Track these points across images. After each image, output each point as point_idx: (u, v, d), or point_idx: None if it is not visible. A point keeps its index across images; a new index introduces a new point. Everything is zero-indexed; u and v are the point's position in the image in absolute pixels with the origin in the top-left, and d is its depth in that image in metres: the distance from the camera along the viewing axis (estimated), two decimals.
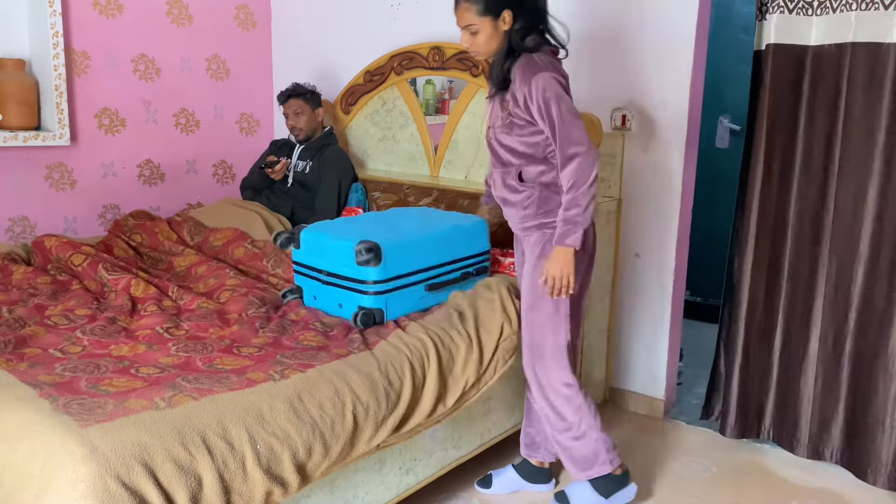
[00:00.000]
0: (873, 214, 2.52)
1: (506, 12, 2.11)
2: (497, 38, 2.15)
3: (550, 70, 2.10)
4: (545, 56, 2.14)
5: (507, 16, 2.11)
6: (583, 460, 2.32)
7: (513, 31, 2.13)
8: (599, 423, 2.32)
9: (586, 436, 2.29)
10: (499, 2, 2.10)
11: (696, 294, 4.22)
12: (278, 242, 2.46)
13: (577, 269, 2.18)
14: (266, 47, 4.16)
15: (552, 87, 2.08)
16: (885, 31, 2.44)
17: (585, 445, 2.30)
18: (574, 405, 2.28)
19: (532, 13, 2.14)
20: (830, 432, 2.68)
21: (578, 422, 2.28)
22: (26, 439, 1.54)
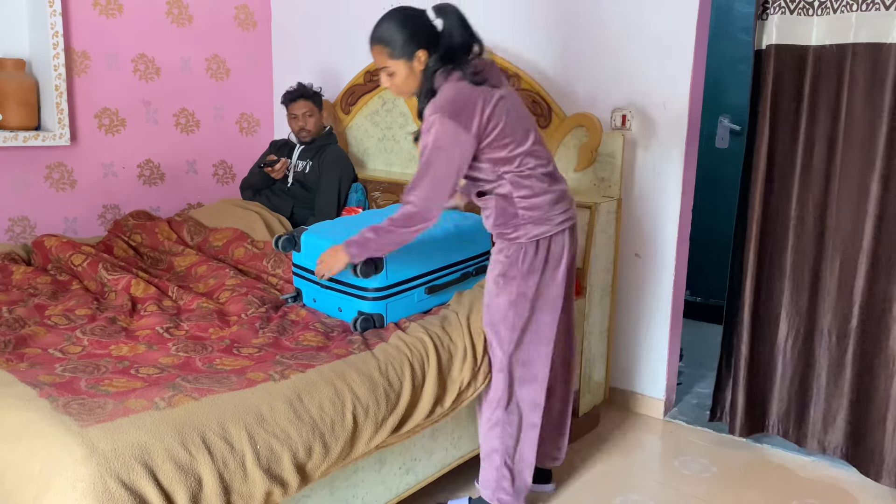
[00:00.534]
0: (875, 213, 2.52)
1: (420, 52, 2.04)
2: (414, 79, 2.08)
3: (447, 113, 1.99)
4: (454, 96, 2.02)
5: (422, 55, 2.05)
6: (483, 479, 2.31)
7: (428, 70, 2.06)
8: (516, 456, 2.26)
9: (490, 458, 2.27)
10: (412, 43, 2.03)
11: (696, 294, 4.23)
12: (279, 245, 2.45)
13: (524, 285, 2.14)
14: (266, 47, 4.16)
15: (437, 134, 1.99)
16: (885, 32, 2.44)
17: (487, 468, 2.28)
18: (489, 421, 2.26)
19: (448, 49, 2.05)
20: (835, 428, 2.69)
21: (490, 438, 2.26)
22: (26, 439, 1.54)
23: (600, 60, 3.06)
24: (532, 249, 2.14)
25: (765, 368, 2.83)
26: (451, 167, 2.02)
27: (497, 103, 2.05)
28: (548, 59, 3.19)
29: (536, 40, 3.21)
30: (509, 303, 2.17)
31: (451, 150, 2.00)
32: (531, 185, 2.12)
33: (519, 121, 2.12)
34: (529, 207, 2.12)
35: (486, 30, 3.29)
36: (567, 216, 2.18)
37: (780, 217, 2.73)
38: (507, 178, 2.12)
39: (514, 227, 2.14)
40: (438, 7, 2.08)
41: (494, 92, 2.07)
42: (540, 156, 2.15)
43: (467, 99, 2.02)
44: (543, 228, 2.13)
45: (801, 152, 2.67)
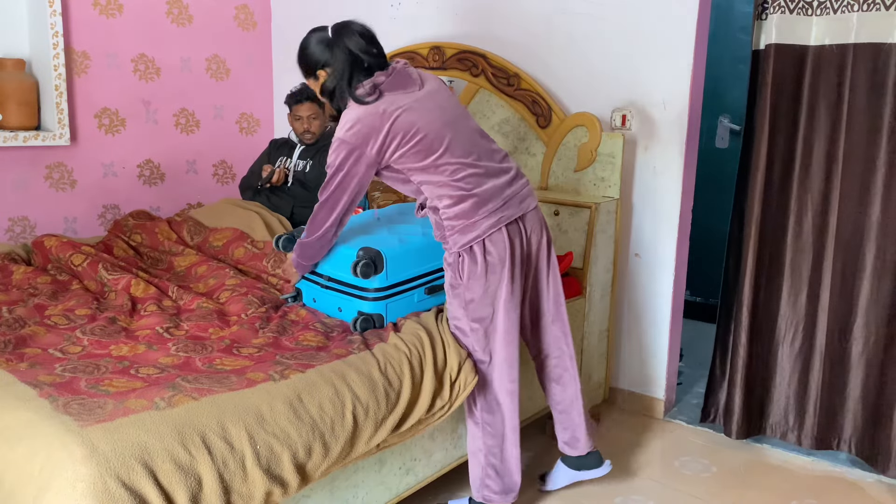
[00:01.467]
0: (878, 212, 2.53)
1: (319, 72, 2.18)
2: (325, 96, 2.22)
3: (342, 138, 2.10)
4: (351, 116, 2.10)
5: (322, 75, 2.17)
6: (471, 479, 2.31)
7: (325, 93, 2.19)
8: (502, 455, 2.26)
9: (476, 456, 2.27)
10: (311, 62, 2.19)
11: (696, 294, 4.23)
12: (279, 245, 2.45)
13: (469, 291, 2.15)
14: (266, 47, 4.16)
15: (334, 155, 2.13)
16: (886, 32, 2.44)
17: (474, 466, 2.29)
18: (474, 420, 2.27)
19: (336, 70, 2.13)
20: (839, 423, 2.69)
21: (473, 437, 2.27)
22: (26, 439, 1.54)
23: (600, 60, 3.06)
24: (468, 256, 2.13)
25: (763, 369, 2.83)
26: (343, 190, 2.15)
27: (399, 116, 2.07)
28: (548, 58, 3.19)
29: (537, 40, 3.21)
30: (462, 310, 2.18)
31: (348, 170, 2.12)
32: (450, 195, 2.11)
33: (433, 122, 2.10)
34: (452, 217, 2.11)
35: (486, 30, 3.31)
36: (500, 215, 2.12)
37: (778, 216, 2.73)
38: (427, 192, 2.15)
39: (443, 238, 2.17)
40: (333, 27, 2.19)
41: (396, 104, 2.08)
42: (459, 156, 2.11)
43: (362, 118, 2.08)
44: (470, 236, 2.11)
45: (800, 152, 2.67)
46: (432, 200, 2.15)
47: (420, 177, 2.13)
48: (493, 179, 2.15)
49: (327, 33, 2.17)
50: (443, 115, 2.14)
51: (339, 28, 2.16)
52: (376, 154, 2.09)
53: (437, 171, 2.11)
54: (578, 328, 2.84)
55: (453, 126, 2.14)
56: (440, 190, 2.12)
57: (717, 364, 2.95)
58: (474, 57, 3.28)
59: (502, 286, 2.15)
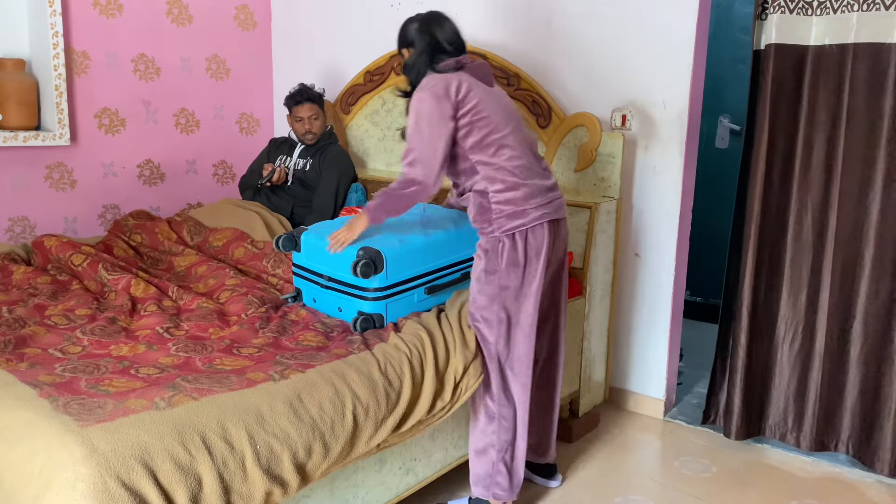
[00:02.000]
0: (877, 212, 2.53)
1: (404, 50, 2.33)
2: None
3: (424, 90, 2.19)
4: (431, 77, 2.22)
5: (405, 52, 2.33)
6: (475, 477, 2.32)
7: (406, 68, 2.31)
8: (514, 451, 2.28)
9: (486, 453, 2.28)
10: (400, 42, 2.34)
11: (696, 294, 4.23)
12: (279, 245, 2.45)
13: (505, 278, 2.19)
14: (266, 47, 4.16)
15: (417, 106, 2.19)
16: (886, 32, 2.44)
17: (483, 463, 2.29)
18: (486, 415, 2.27)
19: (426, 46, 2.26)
20: (837, 425, 2.70)
21: (486, 433, 2.27)
22: (26, 439, 1.54)
23: (600, 60, 3.06)
24: (509, 242, 2.18)
25: (762, 370, 2.83)
26: (434, 128, 2.16)
27: (473, 87, 2.19)
28: (548, 58, 3.19)
29: (537, 40, 3.21)
30: (492, 297, 2.21)
31: (432, 114, 2.16)
32: (504, 179, 2.19)
33: (499, 111, 2.23)
34: (503, 202, 2.18)
35: (487, 30, 3.30)
36: (544, 210, 2.21)
37: (778, 216, 2.73)
38: (482, 173, 2.20)
39: (489, 222, 2.21)
40: (423, 14, 2.32)
41: (473, 80, 2.22)
42: (516, 148, 2.22)
43: (441, 78, 2.20)
44: (518, 222, 2.18)
45: (800, 152, 2.67)
46: (481, 183, 2.21)
47: (478, 155, 2.20)
48: (543, 179, 2.27)
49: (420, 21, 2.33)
50: (506, 111, 2.27)
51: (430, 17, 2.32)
52: (453, 102, 2.16)
53: (496, 154, 2.20)
54: (578, 328, 2.84)
55: (514, 124, 2.27)
56: (495, 173, 2.19)
57: (719, 365, 2.95)
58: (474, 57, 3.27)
59: (535, 279, 2.22)
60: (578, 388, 2.89)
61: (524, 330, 2.24)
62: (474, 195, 2.24)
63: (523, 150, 2.24)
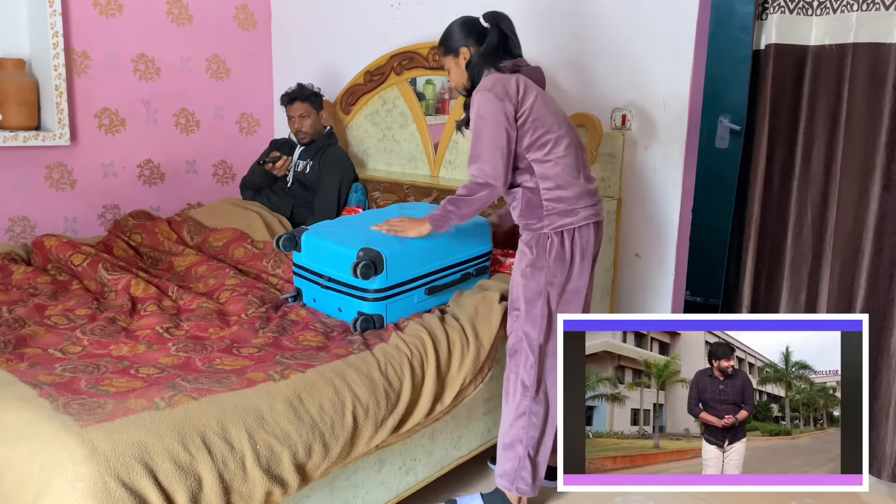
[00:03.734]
0: (876, 212, 2.53)
1: (463, 49, 2.33)
2: (462, 72, 2.35)
3: (485, 89, 2.21)
4: (492, 77, 2.24)
5: (466, 51, 2.32)
6: (501, 471, 2.32)
7: (470, 65, 2.31)
8: (540, 448, 2.27)
9: (513, 448, 2.28)
10: (458, 42, 2.33)
11: (696, 294, 4.22)
12: (280, 245, 2.45)
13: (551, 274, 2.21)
14: (266, 47, 4.16)
15: (479, 106, 2.20)
16: (886, 32, 2.44)
17: (509, 458, 2.29)
18: (517, 410, 2.27)
19: (488, 47, 2.28)
20: None
21: (516, 427, 2.27)
22: (26, 439, 1.54)
23: (600, 60, 3.06)
24: (558, 240, 2.21)
25: None
26: (499, 129, 2.17)
27: (529, 85, 2.24)
28: (548, 58, 3.19)
29: (536, 40, 3.21)
30: (538, 292, 2.22)
31: (496, 115, 2.17)
32: (557, 177, 2.21)
33: (552, 110, 2.28)
34: (554, 199, 2.21)
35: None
36: (593, 211, 2.26)
37: (778, 216, 2.73)
38: (535, 171, 2.22)
39: (538, 218, 2.22)
40: (488, 14, 2.33)
41: (530, 81, 2.27)
42: (569, 149, 2.25)
43: (501, 78, 2.23)
44: (568, 220, 2.21)
45: (800, 152, 2.67)
46: (532, 180, 2.23)
47: (533, 154, 2.22)
48: (589, 182, 2.31)
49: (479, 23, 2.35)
50: (559, 115, 2.31)
51: (491, 14, 2.33)
52: (514, 102, 2.19)
53: (550, 153, 2.22)
54: None
55: (567, 125, 2.31)
56: (548, 170, 2.22)
57: None
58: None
59: (581, 278, 2.25)
60: None
61: None
62: (524, 191, 2.25)
63: (574, 152, 2.27)
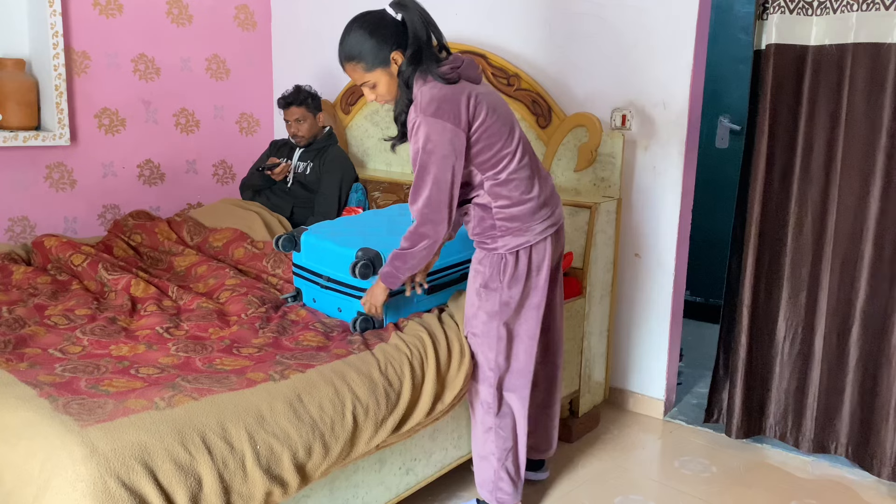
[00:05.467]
0: (877, 212, 2.53)
1: (394, 54, 1.97)
2: (395, 82, 2.02)
3: (429, 113, 1.93)
4: (435, 94, 1.94)
5: (397, 56, 1.97)
6: (480, 481, 2.31)
7: (402, 73, 1.98)
8: (515, 455, 2.26)
9: (487, 460, 2.27)
10: (383, 49, 1.96)
11: (696, 294, 4.23)
12: (279, 245, 2.45)
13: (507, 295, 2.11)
14: (266, 47, 4.16)
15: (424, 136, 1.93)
16: (886, 32, 2.44)
17: (484, 469, 2.28)
18: (483, 425, 2.25)
19: (416, 46, 1.96)
20: (836, 426, 2.69)
21: (484, 441, 2.26)
22: (26, 439, 1.54)
23: (600, 60, 3.06)
24: (512, 260, 2.10)
25: (763, 370, 2.83)
26: (446, 166, 1.93)
27: (479, 99, 1.98)
28: (548, 58, 3.19)
29: (537, 40, 3.21)
30: (492, 314, 2.15)
31: (444, 150, 1.93)
32: (509, 195, 2.06)
33: (502, 118, 2.05)
34: (507, 218, 2.07)
35: (487, 29, 3.30)
36: (549, 223, 2.13)
37: (779, 217, 2.73)
38: (486, 188, 2.06)
39: (492, 238, 2.11)
40: (397, 2, 1.97)
41: (474, 88, 2.01)
42: (522, 157, 2.08)
43: (448, 95, 1.94)
44: (523, 239, 2.09)
45: (800, 152, 2.67)
46: (484, 196, 2.07)
47: (488, 171, 2.04)
48: (544, 187, 2.13)
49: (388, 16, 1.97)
50: (504, 114, 2.09)
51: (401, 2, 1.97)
52: (464, 127, 1.93)
53: (503, 168, 2.04)
54: (578, 328, 2.84)
55: (512, 122, 2.11)
56: (500, 188, 2.05)
57: (720, 364, 2.95)
58: (474, 57, 3.27)
59: (538, 292, 2.15)
60: (578, 388, 2.89)
61: (525, 343, 2.19)
62: (476, 208, 2.11)
63: (526, 156, 2.10)
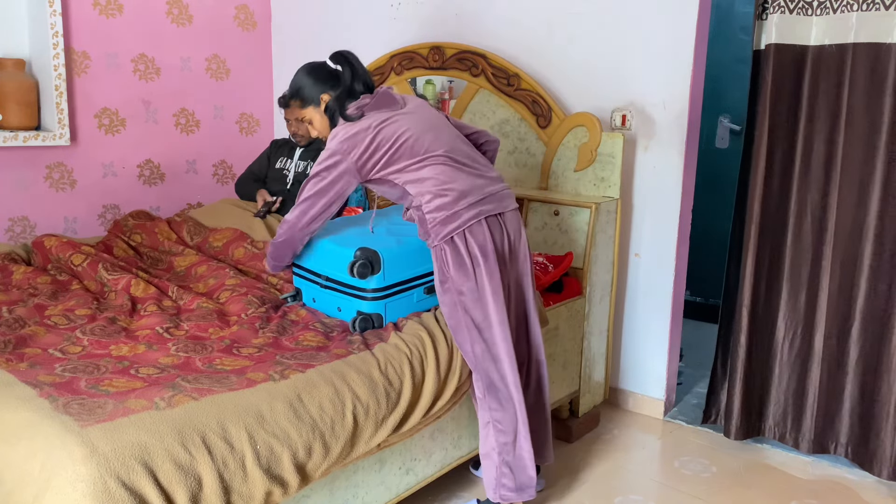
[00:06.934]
0: (877, 213, 2.53)
1: (324, 95, 2.28)
2: (326, 120, 2.32)
3: (331, 145, 2.20)
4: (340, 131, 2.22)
5: (325, 97, 2.28)
6: (486, 481, 2.31)
7: (328, 111, 2.29)
8: (514, 452, 2.26)
9: (489, 457, 2.28)
10: (315, 88, 2.28)
11: (696, 294, 4.23)
12: None
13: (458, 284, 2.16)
14: (266, 47, 4.16)
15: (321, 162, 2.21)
16: (885, 32, 2.44)
17: (488, 467, 2.29)
18: (482, 421, 2.27)
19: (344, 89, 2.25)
20: (836, 426, 2.69)
21: (485, 437, 2.27)
22: (26, 439, 1.54)
23: (600, 60, 3.06)
24: (450, 248, 2.16)
25: (762, 370, 2.83)
26: (324, 195, 2.22)
27: (383, 127, 2.19)
28: (548, 58, 3.19)
29: (537, 40, 3.21)
30: (454, 305, 2.18)
31: (329, 174, 2.19)
32: (430, 190, 2.18)
33: (414, 127, 2.22)
34: (434, 209, 2.17)
35: (486, 30, 3.31)
36: (479, 209, 2.18)
37: (779, 217, 2.73)
38: (413, 191, 2.21)
39: (427, 233, 2.21)
40: (335, 55, 2.30)
41: (380, 118, 2.21)
42: (440, 155, 2.20)
43: (349, 133, 2.19)
44: (452, 226, 2.15)
45: (800, 152, 2.67)
46: (416, 199, 2.21)
47: (404, 177, 2.21)
48: (473, 178, 2.23)
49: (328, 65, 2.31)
50: (425, 122, 2.26)
51: (339, 54, 2.31)
52: (358, 163, 2.18)
53: (421, 169, 2.19)
54: (578, 328, 2.84)
55: (435, 129, 2.26)
56: (422, 186, 2.19)
57: (719, 365, 2.95)
58: (474, 57, 3.28)
59: (491, 277, 2.17)
60: (578, 388, 2.90)
61: (496, 329, 2.19)
62: (414, 211, 2.25)
63: (448, 152, 2.22)
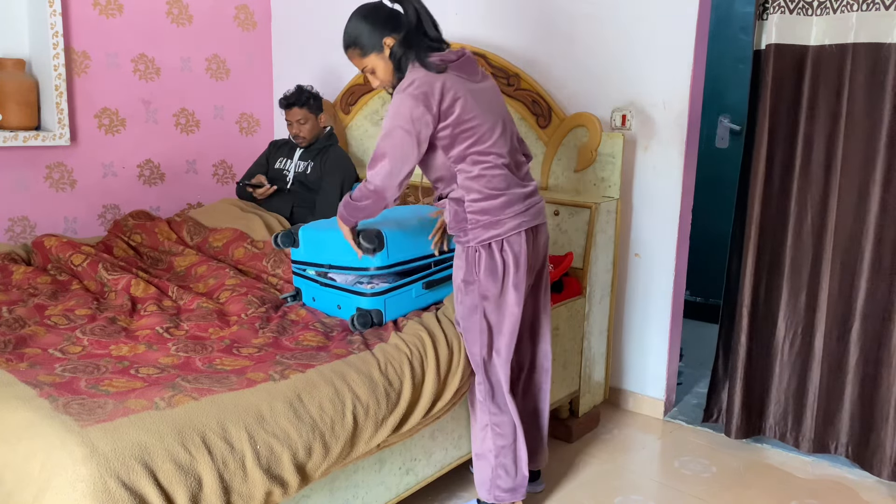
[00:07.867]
0: (877, 213, 2.52)
1: (386, 39, 2.11)
2: (391, 67, 2.14)
3: (406, 91, 2.04)
4: (416, 76, 2.06)
5: (389, 41, 2.11)
6: (479, 480, 2.31)
7: (394, 56, 2.11)
8: (514, 453, 2.26)
9: (485, 458, 2.27)
10: (376, 34, 2.11)
11: (696, 294, 4.23)
12: (278, 242, 2.45)
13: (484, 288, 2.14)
14: (266, 47, 4.16)
15: (395, 110, 2.05)
16: (886, 32, 2.44)
17: (482, 467, 2.29)
18: (480, 423, 2.26)
19: (408, 32, 2.10)
20: (836, 426, 2.69)
21: (482, 439, 2.27)
22: (26, 439, 1.54)
23: (600, 60, 3.06)
24: (486, 252, 2.13)
25: (762, 370, 2.83)
26: (407, 140, 2.03)
27: (460, 92, 2.06)
28: (548, 58, 3.19)
29: (537, 40, 3.21)
30: (473, 307, 2.16)
31: (407, 123, 2.02)
32: (481, 189, 2.11)
33: (485, 112, 2.11)
34: (478, 211, 2.11)
35: (487, 29, 3.31)
36: (521, 220, 2.14)
37: (778, 217, 2.73)
38: (460, 179, 2.12)
39: (464, 231, 2.15)
40: None
41: (460, 82, 2.08)
42: (501, 155, 2.13)
43: (427, 80, 2.04)
44: (493, 232, 2.11)
45: (800, 152, 2.67)
46: (458, 191, 2.14)
47: (460, 164, 2.11)
48: (520, 187, 2.18)
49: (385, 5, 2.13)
50: (496, 115, 2.15)
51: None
52: (435, 113, 2.03)
53: (477, 163, 2.10)
54: (578, 328, 2.84)
55: (503, 125, 2.16)
56: (473, 182, 2.11)
57: (720, 364, 2.95)
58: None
59: (516, 288, 2.16)
60: (578, 388, 2.90)
61: (505, 338, 2.19)
62: (450, 203, 2.16)
63: (506, 154, 2.15)
